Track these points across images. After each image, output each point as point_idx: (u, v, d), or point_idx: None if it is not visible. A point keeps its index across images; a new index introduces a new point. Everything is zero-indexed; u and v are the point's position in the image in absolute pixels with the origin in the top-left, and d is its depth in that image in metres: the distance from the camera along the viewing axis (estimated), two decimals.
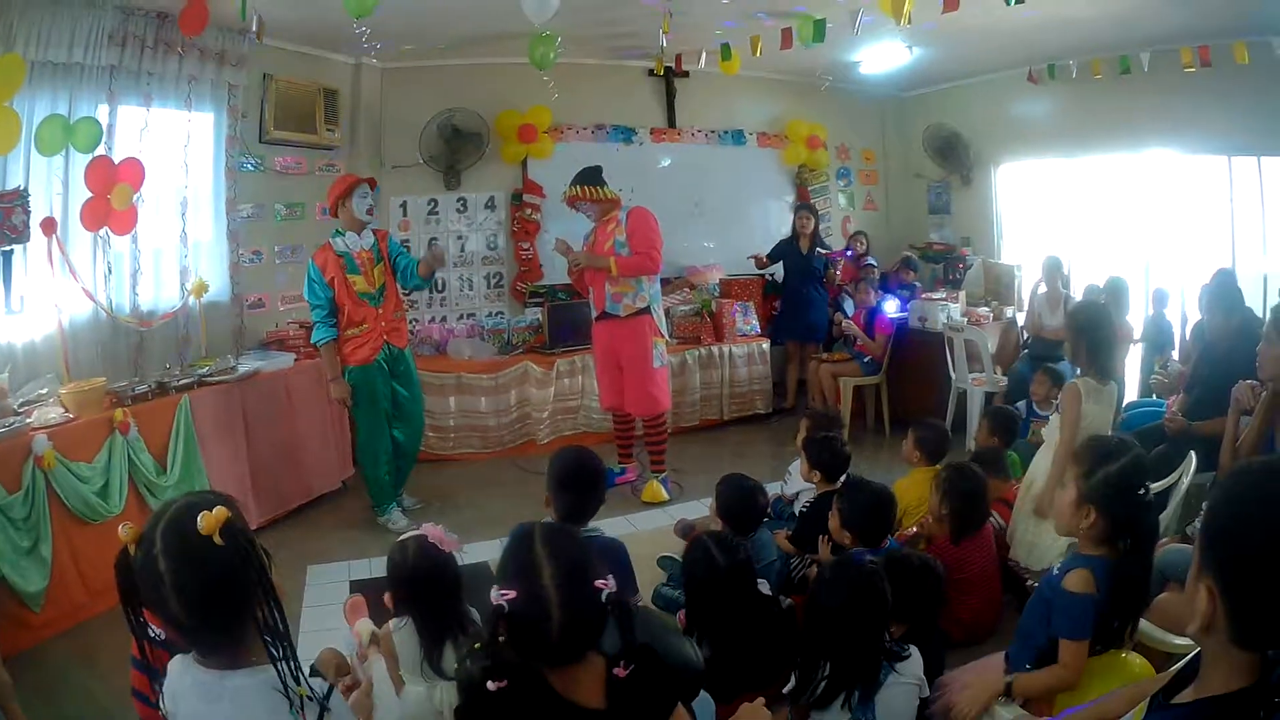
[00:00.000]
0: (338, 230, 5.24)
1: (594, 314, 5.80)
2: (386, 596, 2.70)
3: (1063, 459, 3.41)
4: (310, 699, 1.63)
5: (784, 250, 8.04)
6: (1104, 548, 2.47)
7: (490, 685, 1.56)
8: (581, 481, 3.22)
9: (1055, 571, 2.56)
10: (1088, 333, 3.86)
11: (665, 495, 5.77)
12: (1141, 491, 2.44)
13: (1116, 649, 2.50)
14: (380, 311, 5.23)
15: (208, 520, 1.53)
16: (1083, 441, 2.80)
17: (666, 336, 5.89)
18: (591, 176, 5.58)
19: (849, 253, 8.60)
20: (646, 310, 5.62)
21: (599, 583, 1.63)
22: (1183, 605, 1.40)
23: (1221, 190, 7.07)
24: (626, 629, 1.65)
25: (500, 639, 1.62)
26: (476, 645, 1.62)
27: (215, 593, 1.57)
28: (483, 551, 4.90)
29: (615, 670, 1.64)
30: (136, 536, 1.63)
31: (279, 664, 1.61)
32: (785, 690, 2.60)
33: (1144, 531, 2.51)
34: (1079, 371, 3.94)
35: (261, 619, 1.62)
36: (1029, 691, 2.46)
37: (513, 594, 1.61)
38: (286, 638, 1.65)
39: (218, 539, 1.54)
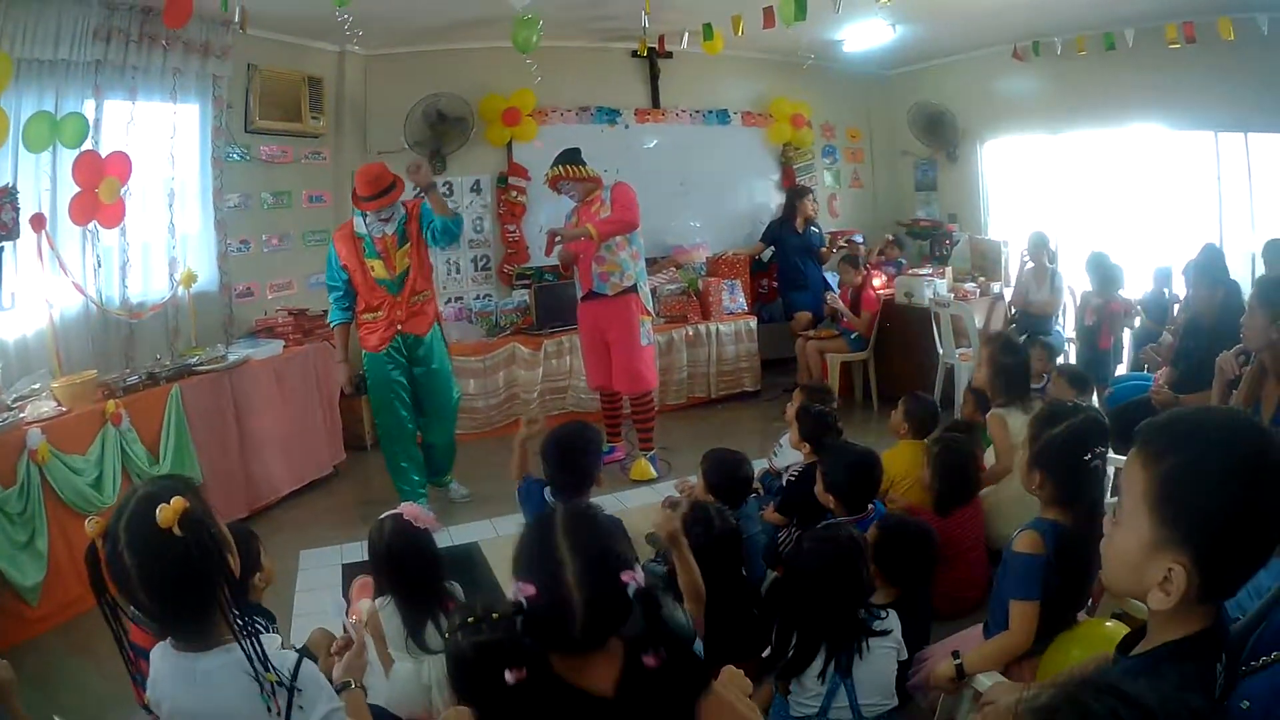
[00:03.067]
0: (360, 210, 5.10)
1: (580, 293, 5.80)
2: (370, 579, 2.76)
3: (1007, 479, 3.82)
4: (279, 684, 1.67)
5: (778, 232, 8.14)
6: (1056, 511, 2.50)
7: (509, 677, 1.46)
8: (565, 454, 3.30)
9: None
10: (1003, 368, 4.08)
11: (653, 473, 5.82)
12: (1087, 457, 2.46)
13: (1073, 619, 2.51)
14: (397, 299, 5.06)
15: (165, 513, 1.58)
16: (1042, 406, 2.86)
17: (653, 314, 5.92)
18: (572, 156, 5.58)
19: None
20: (633, 289, 5.64)
21: (625, 575, 1.52)
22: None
23: (1209, 166, 7.06)
24: (653, 621, 1.52)
25: (510, 624, 1.50)
26: (470, 619, 1.57)
27: (180, 582, 1.63)
28: (472, 532, 4.96)
29: (645, 658, 1.50)
30: (102, 530, 1.68)
31: (245, 647, 1.66)
32: (764, 655, 2.64)
33: (1087, 496, 2.53)
34: (998, 403, 4.09)
35: (225, 604, 1.68)
36: (980, 666, 2.39)
37: (532, 591, 1.50)
38: (248, 624, 1.71)
39: (177, 530, 1.59)
